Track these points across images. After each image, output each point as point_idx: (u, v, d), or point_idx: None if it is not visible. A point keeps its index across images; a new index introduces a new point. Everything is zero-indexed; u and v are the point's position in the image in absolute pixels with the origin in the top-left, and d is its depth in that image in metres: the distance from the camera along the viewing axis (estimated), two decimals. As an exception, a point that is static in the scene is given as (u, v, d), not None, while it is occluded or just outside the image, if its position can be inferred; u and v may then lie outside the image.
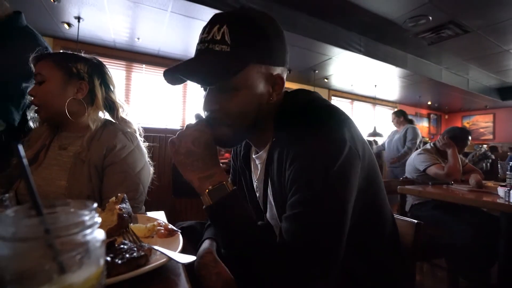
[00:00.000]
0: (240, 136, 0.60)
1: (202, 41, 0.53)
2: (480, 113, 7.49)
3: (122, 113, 0.96)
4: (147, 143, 0.98)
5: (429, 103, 6.94)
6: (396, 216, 0.76)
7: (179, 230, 0.54)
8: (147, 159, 0.95)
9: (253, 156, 0.67)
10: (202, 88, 0.58)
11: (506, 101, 6.08)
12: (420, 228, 0.78)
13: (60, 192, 0.79)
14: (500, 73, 4.93)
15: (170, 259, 0.42)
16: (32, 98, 0.84)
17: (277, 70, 0.57)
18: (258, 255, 0.47)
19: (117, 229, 0.51)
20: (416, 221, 0.79)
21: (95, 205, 0.29)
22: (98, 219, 0.28)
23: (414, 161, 2.08)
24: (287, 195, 0.51)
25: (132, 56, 3.84)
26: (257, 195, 0.68)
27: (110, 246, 0.41)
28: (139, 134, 0.97)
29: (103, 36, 3.38)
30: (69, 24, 3.02)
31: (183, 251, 0.47)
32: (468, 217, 1.63)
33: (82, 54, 0.93)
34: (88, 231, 0.26)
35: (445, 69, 4.64)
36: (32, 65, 0.86)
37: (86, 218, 0.26)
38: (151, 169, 0.96)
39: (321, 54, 3.68)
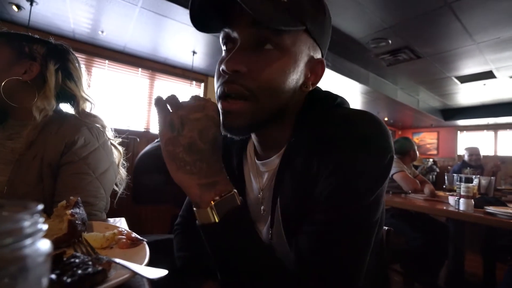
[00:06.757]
0: (260, 120, 0.45)
1: None
2: (427, 131, 8.41)
3: (86, 108, 0.84)
4: (120, 140, 0.86)
5: (386, 118, 7.59)
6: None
7: (145, 240, 0.47)
8: (116, 160, 0.83)
9: (257, 162, 0.55)
10: (224, 45, 0.46)
11: (447, 121, 6.97)
12: (390, 235, 0.80)
13: None
14: (443, 96, 5.64)
15: (135, 274, 0.35)
16: None
17: (319, 55, 0.49)
18: (276, 279, 0.40)
19: (66, 239, 0.43)
20: (386, 227, 0.81)
21: (40, 206, 0.22)
22: (43, 226, 0.22)
23: None
24: (303, 208, 0.44)
25: (93, 50, 3.53)
26: (261, 208, 0.57)
27: (56, 260, 0.33)
28: (110, 132, 0.85)
29: (61, 25, 3.05)
30: (18, 6, 2.68)
31: (150, 263, 0.40)
32: (421, 224, 1.78)
33: (49, 40, 0.81)
34: (27, 241, 0.20)
35: (400, 89, 5.14)
36: None
37: (26, 224, 0.20)
38: (123, 172, 0.85)
39: (292, 66, 3.80)
